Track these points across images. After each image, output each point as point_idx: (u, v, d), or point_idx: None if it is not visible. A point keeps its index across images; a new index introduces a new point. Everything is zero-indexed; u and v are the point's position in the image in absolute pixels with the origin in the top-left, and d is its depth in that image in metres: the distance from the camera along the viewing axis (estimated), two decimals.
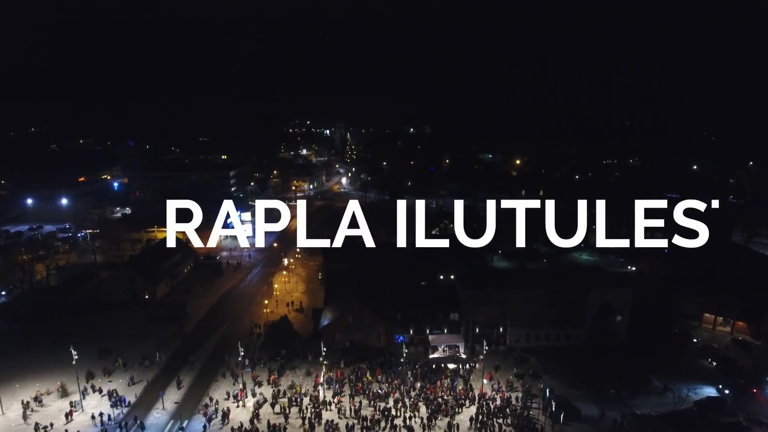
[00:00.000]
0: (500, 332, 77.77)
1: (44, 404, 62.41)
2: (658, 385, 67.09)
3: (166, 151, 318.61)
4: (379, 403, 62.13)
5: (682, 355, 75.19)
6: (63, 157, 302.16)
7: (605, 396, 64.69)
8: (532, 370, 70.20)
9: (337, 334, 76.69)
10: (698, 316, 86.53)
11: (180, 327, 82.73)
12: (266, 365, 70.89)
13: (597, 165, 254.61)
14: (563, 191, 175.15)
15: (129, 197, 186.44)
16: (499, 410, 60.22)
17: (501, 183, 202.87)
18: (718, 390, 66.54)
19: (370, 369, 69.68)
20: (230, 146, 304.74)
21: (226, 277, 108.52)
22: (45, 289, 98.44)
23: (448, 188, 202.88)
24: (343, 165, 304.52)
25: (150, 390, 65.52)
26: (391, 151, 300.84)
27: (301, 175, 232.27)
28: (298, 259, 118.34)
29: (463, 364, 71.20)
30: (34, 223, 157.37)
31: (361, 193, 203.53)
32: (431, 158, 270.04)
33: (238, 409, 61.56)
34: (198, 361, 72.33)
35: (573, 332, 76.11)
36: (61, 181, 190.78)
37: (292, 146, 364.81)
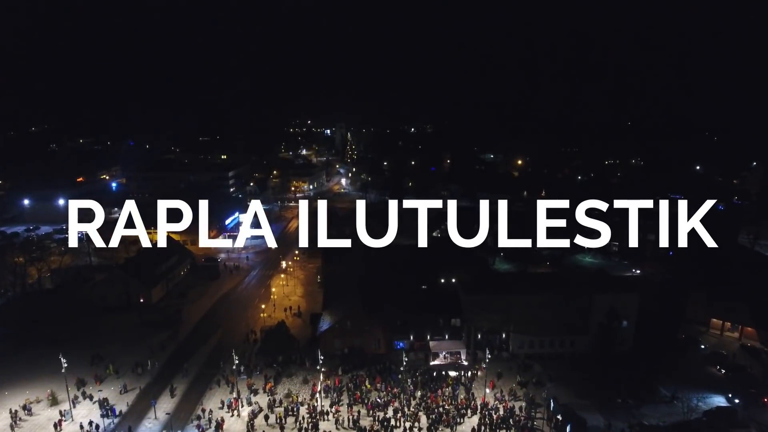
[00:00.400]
0: (503, 338, 75.81)
1: (33, 413, 60.50)
2: (666, 394, 65.07)
3: (165, 150, 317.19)
4: (378, 413, 60.20)
5: (690, 363, 73.12)
6: (62, 156, 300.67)
7: (612, 405, 62.68)
8: (536, 378, 68.15)
9: (335, 339, 74.77)
10: (705, 321, 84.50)
11: (175, 332, 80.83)
12: (262, 372, 68.99)
13: (599, 166, 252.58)
14: (565, 192, 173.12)
15: (127, 197, 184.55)
16: (502, 421, 58.21)
17: (502, 184, 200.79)
18: (728, 399, 64.54)
19: (369, 377, 67.74)
20: (230, 146, 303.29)
21: (224, 279, 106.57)
22: (38, 293, 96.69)
23: (449, 189, 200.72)
24: (344, 165, 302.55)
25: (143, 398, 63.56)
26: (392, 151, 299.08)
27: (301, 176, 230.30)
28: (296, 261, 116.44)
29: (465, 371, 69.25)
30: (31, 224, 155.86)
31: (361, 194, 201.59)
32: (432, 158, 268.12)
33: (232, 418, 59.66)
34: (192, 368, 70.37)
35: (578, 339, 74.08)
36: (59, 181, 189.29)
37: (292, 146, 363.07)
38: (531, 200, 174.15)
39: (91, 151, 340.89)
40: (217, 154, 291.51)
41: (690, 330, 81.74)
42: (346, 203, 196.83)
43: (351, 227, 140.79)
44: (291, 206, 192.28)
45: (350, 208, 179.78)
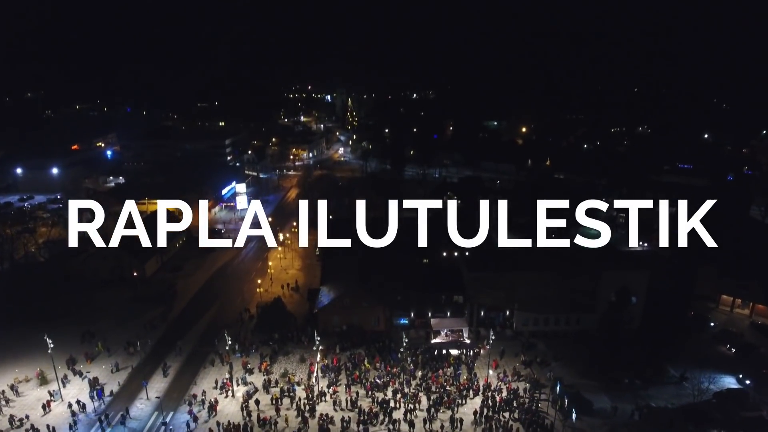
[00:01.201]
0: (507, 316, 73.52)
1: (21, 393, 58.68)
2: (675, 375, 63.06)
3: (163, 117, 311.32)
4: (377, 393, 58.30)
5: (699, 341, 70.90)
6: (57, 123, 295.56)
7: (618, 386, 60.74)
8: (540, 358, 66.05)
9: (333, 316, 72.48)
10: (715, 297, 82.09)
11: (168, 308, 78.67)
12: (258, 351, 66.98)
13: (605, 134, 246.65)
14: (570, 162, 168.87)
15: (122, 166, 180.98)
16: (505, 403, 56.26)
17: (506, 152, 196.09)
18: (738, 380, 62.53)
19: (368, 355, 65.69)
20: (228, 112, 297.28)
21: (219, 252, 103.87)
22: (29, 266, 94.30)
23: (452, 157, 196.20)
24: (344, 132, 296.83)
25: (134, 377, 61.70)
26: (394, 117, 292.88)
27: (300, 143, 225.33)
28: (294, 233, 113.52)
29: (467, 349, 67.12)
30: (25, 193, 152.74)
31: (361, 162, 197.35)
32: (434, 125, 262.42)
33: (226, 399, 57.82)
34: (186, 346, 68.33)
35: (584, 316, 71.67)
36: (53, 148, 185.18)
37: (291, 112, 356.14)
38: (534, 171, 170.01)
39: (87, 117, 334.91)
40: (215, 121, 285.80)
41: (699, 307, 79.31)
42: (346, 172, 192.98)
43: (351, 198, 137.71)
44: (290, 175, 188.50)
45: (351, 178, 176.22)
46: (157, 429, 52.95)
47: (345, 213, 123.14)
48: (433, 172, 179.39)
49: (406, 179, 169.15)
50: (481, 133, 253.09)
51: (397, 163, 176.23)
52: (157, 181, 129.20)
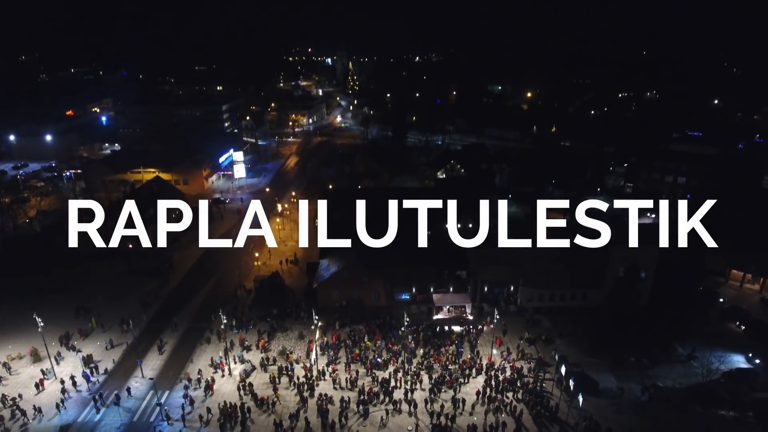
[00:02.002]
0: (511, 291, 71.58)
1: (14, 371, 57.39)
2: (683, 353, 61.50)
3: (160, 81, 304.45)
4: (378, 372, 56.90)
5: (708, 318, 69.09)
6: (52, 87, 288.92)
7: (624, 365, 59.24)
8: (545, 335, 64.39)
9: (333, 291, 70.60)
10: (724, 272, 79.97)
11: (164, 281, 76.91)
12: (255, 327, 65.44)
13: (612, 99, 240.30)
14: (577, 129, 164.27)
15: (118, 133, 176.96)
16: (509, 383, 54.82)
17: (511, 118, 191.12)
18: (748, 359, 60.94)
19: (369, 332, 64.09)
20: (226, 76, 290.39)
21: (217, 223, 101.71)
22: (24, 237, 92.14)
23: (456, 123, 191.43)
24: (345, 97, 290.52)
25: (130, 354, 60.33)
26: (395, 81, 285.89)
27: (300, 109, 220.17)
28: (293, 203, 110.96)
29: (470, 326, 65.45)
30: (19, 161, 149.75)
31: (362, 129, 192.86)
32: (437, 90, 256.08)
33: (223, 378, 56.49)
34: (182, 322, 66.85)
35: (591, 292, 69.66)
36: (48, 114, 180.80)
37: (291, 76, 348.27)
38: (540, 138, 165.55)
39: (81, 81, 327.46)
40: (212, 85, 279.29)
41: (708, 282, 77.25)
42: (347, 139, 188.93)
43: (351, 166, 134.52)
44: (289, 142, 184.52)
45: (351, 145, 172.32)
46: (152, 409, 51.71)
47: (345, 183, 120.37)
48: (435, 139, 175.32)
49: (408, 146, 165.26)
50: (485, 98, 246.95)
51: (399, 130, 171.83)
52: (152, 149, 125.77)
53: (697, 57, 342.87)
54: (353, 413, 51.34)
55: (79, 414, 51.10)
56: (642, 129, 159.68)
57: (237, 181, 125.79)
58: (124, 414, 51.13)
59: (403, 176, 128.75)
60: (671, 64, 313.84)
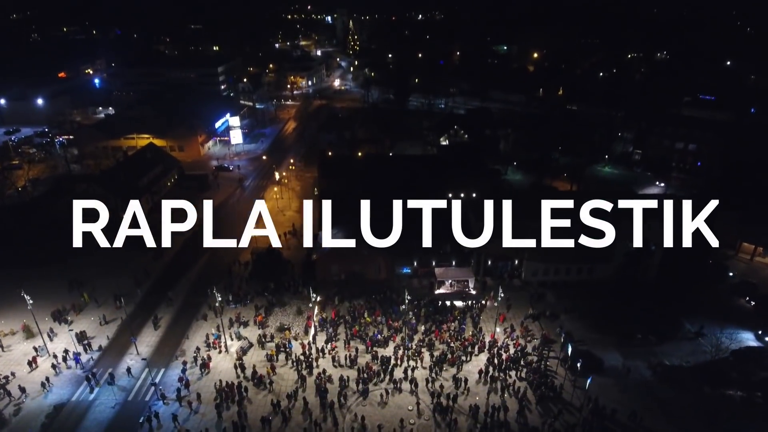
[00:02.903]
0: (515, 265, 69.61)
1: (6, 348, 56.16)
2: (691, 330, 59.97)
3: (154, 40, 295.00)
4: (378, 349, 55.56)
5: (717, 293, 67.36)
6: (44, 47, 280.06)
7: (631, 342, 57.79)
8: (549, 311, 62.75)
9: (332, 264, 68.76)
10: (734, 245, 77.74)
11: (159, 254, 74.91)
12: (252, 302, 63.85)
13: (621, 60, 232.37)
14: (585, 92, 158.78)
15: (111, 96, 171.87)
16: (512, 362, 53.45)
17: (516, 80, 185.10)
18: (758, 336, 59.46)
19: (369, 308, 62.50)
20: (223, 35, 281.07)
21: (213, 191, 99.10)
22: (15, 206, 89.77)
23: (459, 86, 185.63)
24: (345, 58, 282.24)
25: (124, 331, 58.85)
26: (397, 41, 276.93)
27: (299, 70, 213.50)
28: (292, 171, 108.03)
29: (473, 301, 63.79)
30: (11, 126, 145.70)
31: (363, 92, 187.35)
32: (440, 50, 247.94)
33: (220, 355, 55.20)
34: (178, 296, 65.22)
35: (598, 266, 67.64)
36: (40, 77, 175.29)
37: (289, 35, 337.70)
38: (547, 102, 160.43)
39: (74, 41, 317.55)
40: (208, 46, 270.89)
41: (718, 255, 75.07)
42: (347, 102, 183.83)
43: (351, 130, 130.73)
44: (288, 105, 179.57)
45: (351, 108, 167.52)
46: (147, 388, 50.56)
47: (345, 149, 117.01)
48: (438, 103, 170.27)
49: (410, 110, 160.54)
50: (490, 58, 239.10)
51: (401, 93, 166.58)
52: (146, 114, 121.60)
53: (709, 15, 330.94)
54: (352, 392, 50.20)
55: (73, 393, 50.02)
56: (652, 92, 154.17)
57: (234, 147, 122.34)
58: (119, 393, 50.06)
59: (405, 142, 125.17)
60: (683, 22, 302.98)
